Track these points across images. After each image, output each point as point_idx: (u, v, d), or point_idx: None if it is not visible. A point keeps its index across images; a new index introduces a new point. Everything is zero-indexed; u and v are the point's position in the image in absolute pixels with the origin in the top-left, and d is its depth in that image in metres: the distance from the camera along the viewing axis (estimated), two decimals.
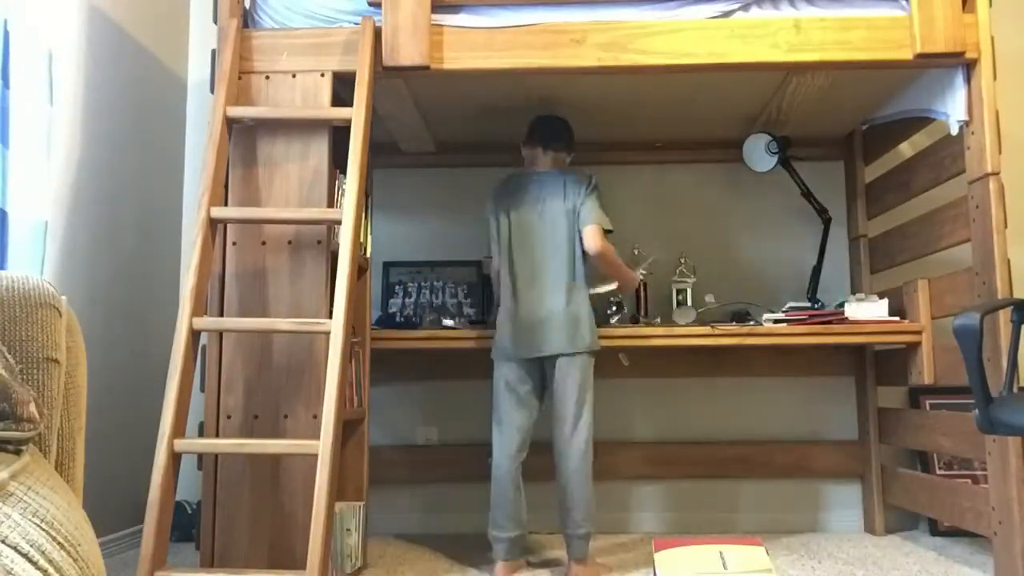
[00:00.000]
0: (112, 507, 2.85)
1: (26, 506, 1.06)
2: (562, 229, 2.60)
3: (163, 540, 2.04)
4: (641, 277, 3.08)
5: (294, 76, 2.50)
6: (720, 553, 2.01)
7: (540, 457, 2.66)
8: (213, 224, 2.30)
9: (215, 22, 2.57)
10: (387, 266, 3.39)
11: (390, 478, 3.31)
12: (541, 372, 2.60)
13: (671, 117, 3.20)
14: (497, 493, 2.57)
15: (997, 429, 1.93)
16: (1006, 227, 2.44)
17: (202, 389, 2.36)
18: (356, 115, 2.38)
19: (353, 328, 2.59)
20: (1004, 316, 2.33)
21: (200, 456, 2.35)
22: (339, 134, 2.46)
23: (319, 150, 2.46)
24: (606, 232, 2.60)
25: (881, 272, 3.29)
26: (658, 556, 1.97)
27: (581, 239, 2.58)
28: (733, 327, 2.90)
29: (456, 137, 3.37)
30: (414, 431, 3.44)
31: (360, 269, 2.67)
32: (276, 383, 2.36)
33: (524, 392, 2.59)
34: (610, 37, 2.50)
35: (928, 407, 3.27)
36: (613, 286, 2.84)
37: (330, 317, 2.23)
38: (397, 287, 3.38)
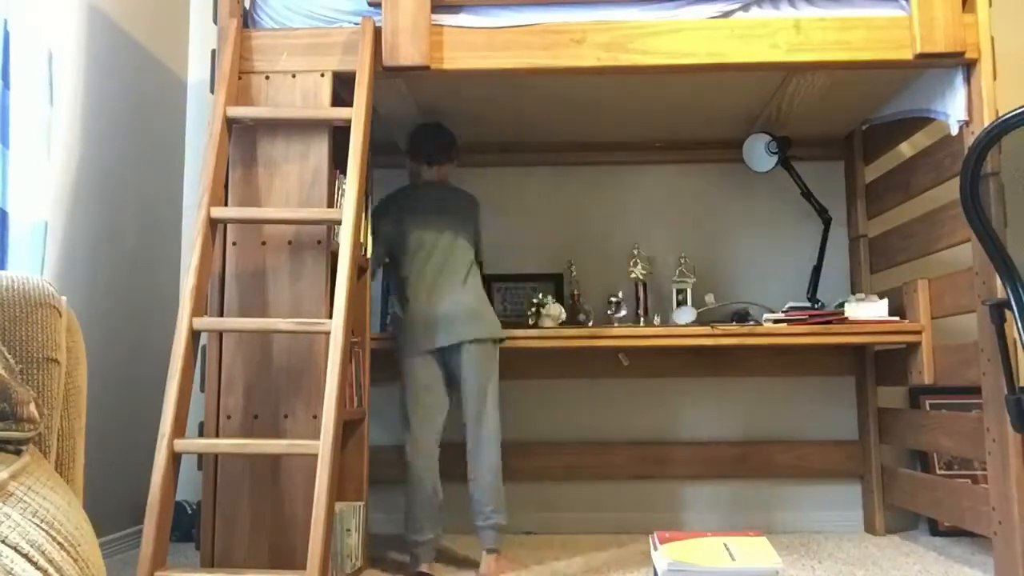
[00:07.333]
0: (112, 507, 2.85)
1: (26, 506, 1.06)
2: (462, 237, 2.78)
3: (163, 540, 2.04)
4: None
5: (294, 76, 2.50)
6: (725, 545, 2.00)
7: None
8: (213, 224, 2.30)
9: (215, 22, 2.57)
10: (387, 266, 3.38)
11: (390, 478, 3.30)
12: (448, 364, 2.67)
13: (671, 117, 3.20)
14: (417, 496, 2.61)
15: None
16: (1006, 227, 2.44)
17: (202, 389, 2.36)
18: (356, 115, 2.38)
19: (353, 328, 2.59)
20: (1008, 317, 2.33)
21: (200, 456, 2.35)
22: (339, 134, 2.46)
23: (319, 150, 2.46)
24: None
25: (881, 272, 3.29)
26: (662, 549, 1.95)
27: (478, 251, 2.87)
28: (733, 327, 2.90)
29: None
30: None
31: (360, 269, 2.67)
32: (276, 383, 2.36)
33: (438, 387, 2.66)
34: (610, 37, 2.50)
35: (928, 407, 3.27)
36: None
37: (330, 317, 2.23)
38: None
